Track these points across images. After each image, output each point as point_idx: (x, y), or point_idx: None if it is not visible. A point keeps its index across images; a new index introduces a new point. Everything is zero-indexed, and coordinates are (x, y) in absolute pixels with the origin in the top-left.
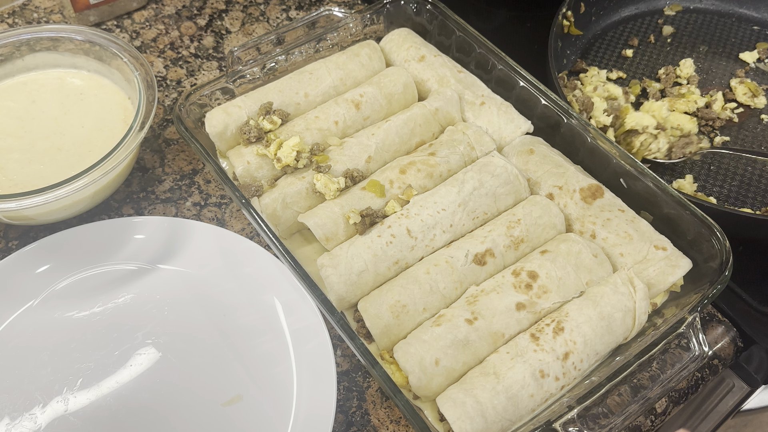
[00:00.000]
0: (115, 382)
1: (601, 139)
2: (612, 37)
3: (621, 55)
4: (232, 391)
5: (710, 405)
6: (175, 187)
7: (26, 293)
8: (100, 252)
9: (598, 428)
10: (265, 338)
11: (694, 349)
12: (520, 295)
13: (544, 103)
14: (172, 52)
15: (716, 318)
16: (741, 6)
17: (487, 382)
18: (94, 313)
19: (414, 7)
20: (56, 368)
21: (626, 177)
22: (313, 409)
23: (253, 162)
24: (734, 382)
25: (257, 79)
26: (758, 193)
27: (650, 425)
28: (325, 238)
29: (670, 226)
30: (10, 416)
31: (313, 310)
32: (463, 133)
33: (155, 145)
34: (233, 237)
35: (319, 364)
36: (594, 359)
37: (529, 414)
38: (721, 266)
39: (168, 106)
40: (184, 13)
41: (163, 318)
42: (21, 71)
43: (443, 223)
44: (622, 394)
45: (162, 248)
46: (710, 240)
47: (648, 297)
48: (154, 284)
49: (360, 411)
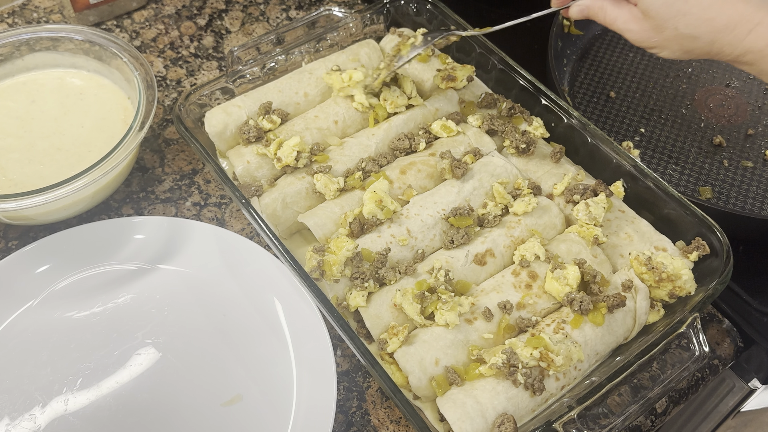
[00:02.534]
0: (115, 382)
1: (602, 139)
2: (612, 37)
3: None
4: (232, 391)
5: (710, 405)
6: (175, 187)
7: (26, 293)
8: (100, 252)
9: (599, 428)
10: (265, 338)
11: (695, 349)
12: (520, 295)
13: (544, 103)
14: (172, 52)
15: (716, 318)
16: None
17: (487, 383)
18: (93, 313)
19: (414, 7)
20: (56, 368)
21: (626, 177)
22: (313, 409)
23: (253, 162)
24: (734, 383)
25: (257, 79)
26: (759, 193)
27: (650, 425)
28: (325, 238)
29: (670, 226)
30: (9, 416)
31: (313, 310)
32: (464, 134)
33: (155, 145)
34: (233, 237)
35: (319, 364)
36: (594, 359)
37: (530, 414)
38: (722, 266)
39: (168, 106)
40: (183, 13)
41: (163, 318)
42: (21, 71)
43: (443, 222)
44: (623, 394)
45: (162, 248)
46: (710, 240)
47: (648, 297)
48: (154, 284)
49: (360, 411)
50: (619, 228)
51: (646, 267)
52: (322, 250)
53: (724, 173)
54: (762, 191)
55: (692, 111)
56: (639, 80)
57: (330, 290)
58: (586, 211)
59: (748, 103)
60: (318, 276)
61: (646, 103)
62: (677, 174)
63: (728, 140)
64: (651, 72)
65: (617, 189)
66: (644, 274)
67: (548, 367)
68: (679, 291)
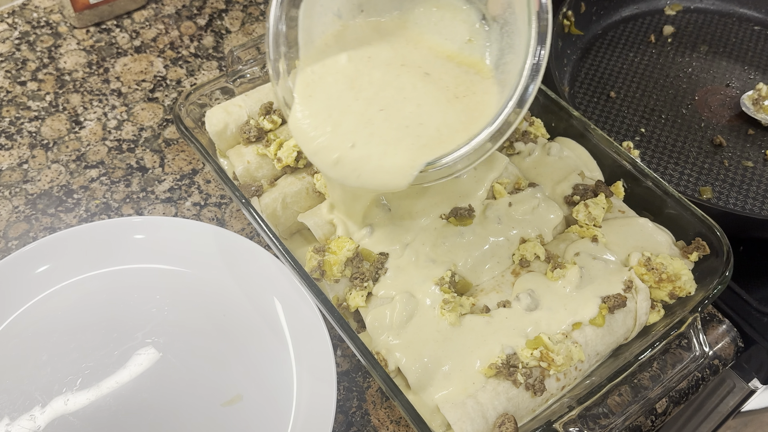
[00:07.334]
0: (115, 382)
1: (602, 139)
2: (612, 37)
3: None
4: (232, 391)
5: (711, 405)
6: (175, 187)
7: (26, 293)
8: (100, 252)
9: (599, 428)
10: (265, 338)
11: (695, 349)
12: None
13: (544, 103)
14: (172, 52)
15: (717, 318)
16: (741, 6)
17: (488, 383)
18: (93, 313)
19: None
20: (56, 368)
21: (626, 177)
22: (313, 409)
23: (253, 162)
24: (735, 383)
25: (257, 79)
26: (759, 193)
27: (650, 425)
28: (325, 238)
29: (670, 226)
30: (9, 416)
31: (313, 310)
32: None
33: (155, 145)
34: (233, 237)
35: (319, 364)
36: (595, 359)
37: (530, 414)
38: (722, 266)
39: (168, 106)
40: (183, 13)
41: (163, 318)
42: None
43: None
44: (623, 394)
45: (162, 248)
46: (710, 240)
47: (649, 298)
48: (154, 284)
49: (360, 411)
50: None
51: (646, 267)
52: (322, 250)
53: (725, 173)
54: (762, 191)
55: (692, 111)
56: (639, 80)
57: (330, 290)
58: (585, 211)
59: None
60: (318, 276)
61: (646, 103)
62: (677, 174)
63: (728, 140)
64: (651, 72)
65: (617, 189)
66: (644, 274)
67: (549, 366)
68: (679, 291)
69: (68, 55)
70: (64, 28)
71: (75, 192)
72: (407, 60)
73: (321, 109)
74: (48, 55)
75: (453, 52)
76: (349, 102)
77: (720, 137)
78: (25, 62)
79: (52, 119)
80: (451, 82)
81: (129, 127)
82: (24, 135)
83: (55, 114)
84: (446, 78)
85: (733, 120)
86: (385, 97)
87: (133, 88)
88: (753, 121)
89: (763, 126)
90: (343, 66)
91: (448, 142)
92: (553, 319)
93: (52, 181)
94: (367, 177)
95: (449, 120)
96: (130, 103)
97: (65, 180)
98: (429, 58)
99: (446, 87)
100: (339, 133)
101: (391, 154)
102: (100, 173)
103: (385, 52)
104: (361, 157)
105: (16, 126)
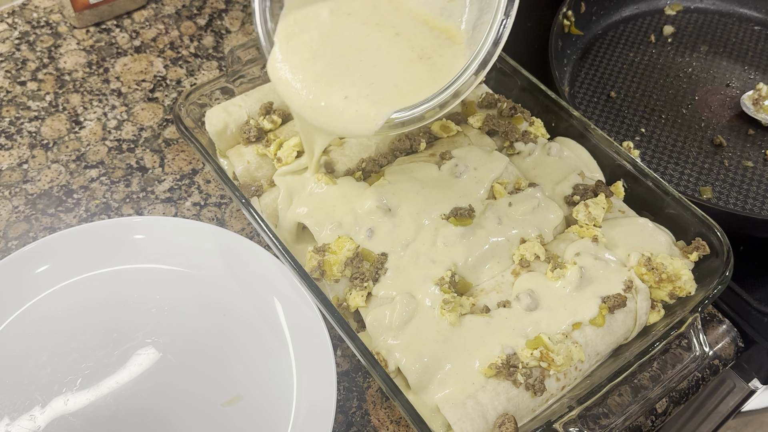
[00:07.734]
0: (115, 382)
1: (602, 139)
2: (613, 37)
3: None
4: (232, 391)
5: (711, 405)
6: (175, 187)
7: (26, 293)
8: (100, 252)
9: (599, 428)
10: (265, 338)
11: (695, 349)
12: None
13: (544, 103)
14: (172, 52)
15: (717, 318)
16: (742, 6)
17: (488, 383)
18: (93, 313)
19: None
20: (56, 368)
21: (626, 177)
22: (313, 409)
23: (253, 162)
24: (735, 383)
25: (257, 79)
26: (759, 193)
27: (651, 425)
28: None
29: (670, 226)
30: (9, 416)
31: (313, 310)
32: (464, 134)
33: (155, 145)
34: (233, 237)
35: (319, 364)
36: (595, 359)
37: (530, 414)
38: (722, 266)
39: (168, 106)
40: (183, 13)
41: (163, 318)
42: None
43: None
44: (623, 395)
45: (162, 248)
46: (710, 240)
47: (649, 298)
48: (154, 284)
49: (360, 411)
50: None
51: (646, 267)
52: (322, 250)
53: (725, 173)
54: (762, 191)
55: (692, 111)
56: (639, 80)
57: (330, 290)
58: (585, 211)
59: None
60: (318, 276)
61: (646, 103)
62: (677, 174)
63: (728, 140)
64: (651, 72)
65: (617, 189)
66: (644, 274)
67: (549, 366)
68: (680, 291)
69: (68, 55)
70: (64, 28)
71: (75, 192)
72: (383, 20)
73: (297, 61)
74: (48, 55)
75: (430, 17)
76: (322, 56)
77: (720, 137)
78: (25, 62)
79: (52, 119)
80: (418, 44)
81: (129, 127)
82: (24, 135)
83: (55, 114)
84: (414, 40)
85: (733, 120)
86: (349, 55)
87: (133, 88)
88: (753, 121)
89: (763, 126)
90: (323, 20)
91: (411, 96)
92: (553, 319)
93: (52, 181)
94: (333, 124)
95: (408, 77)
96: (130, 103)
97: (65, 180)
98: (406, 20)
99: (412, 48)
100: (309, 82)
101: (352, 107)
102: (100, 173)
103: (366, 10)
104: (327, 106)
105: (16, 126)
